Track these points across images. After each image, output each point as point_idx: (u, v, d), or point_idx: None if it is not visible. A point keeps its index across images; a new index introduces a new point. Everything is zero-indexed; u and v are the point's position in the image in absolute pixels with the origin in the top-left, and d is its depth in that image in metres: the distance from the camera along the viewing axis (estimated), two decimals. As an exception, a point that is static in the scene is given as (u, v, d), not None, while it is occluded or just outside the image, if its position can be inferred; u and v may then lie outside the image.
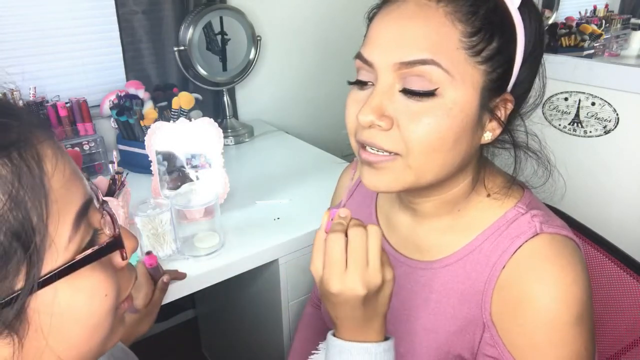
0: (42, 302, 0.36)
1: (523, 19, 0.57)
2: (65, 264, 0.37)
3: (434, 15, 0.54)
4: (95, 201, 0.42)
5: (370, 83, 0.58)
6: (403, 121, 0.55)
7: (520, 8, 0.57)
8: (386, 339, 0.58)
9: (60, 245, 0.37)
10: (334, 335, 0.59)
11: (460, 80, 0.54)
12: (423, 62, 0.53)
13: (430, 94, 0.54)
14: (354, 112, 0.58)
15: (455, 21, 0.54)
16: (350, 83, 0.61)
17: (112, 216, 0.43)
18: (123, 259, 0.44)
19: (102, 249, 0.40)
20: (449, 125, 0.54)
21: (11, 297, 0.34)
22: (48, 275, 0.36)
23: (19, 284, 0.35)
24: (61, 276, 0.37)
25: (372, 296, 0.54)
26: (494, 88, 0.56)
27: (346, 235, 0.54)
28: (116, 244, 0.42)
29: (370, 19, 0.60)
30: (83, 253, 0.39)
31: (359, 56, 0.59)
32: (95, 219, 0.41)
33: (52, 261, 0.36)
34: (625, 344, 0.84)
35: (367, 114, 0.55)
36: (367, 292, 0.53)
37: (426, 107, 0.54)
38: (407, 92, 0.55)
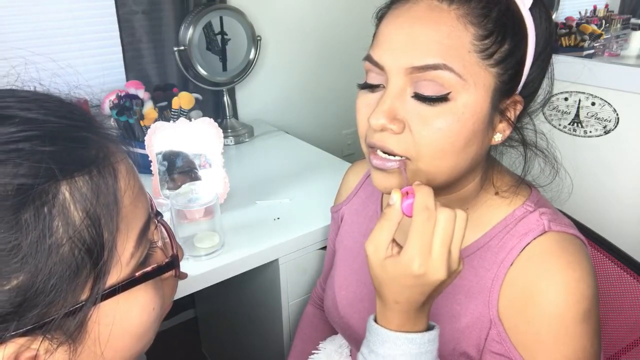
0: (103, 313, 0.37)
1: (534, 19, 0.56)
2: (127, 279, 0.38)
3: (446, 19, 0.53)
4: (150, 212, 0.43)
5: (382, 85, 0.57)
6: (415, 125, 0.55)
7: (531, 8, 0.56)
8: (430, 327, 0.55)
9: (124, 260, 0.38)
10: (375, 320, 0.55)
11: (472, 84, 0.53)
12: (435, 67, 0.53)
13: (442, 98, 0.53)
14: (365, 115, 0.58)
15: (467, 24, 0.53)
16: (361, 87, 0.60)
17: (169, 233, 0.44)
18: (176, 276, 0.45)
19: (161, 268, 0.41)
20: (460, 128, 0.54)
21: (75, 307, 0.35)
22: (111, 289, 0.37)
23: (84, 295, 0.35)
24: (123, 290, 0.38)
25: (442, 283, 0.51)
26: (504, 90, 0.56)
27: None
28: (174, 263, 0.43)
29: (380, 18, 0.60)
30: (143, 270, 0.39)
31: (368, 58, 0.58)
32: (151, 231, 0.42)
33: (115, 275, 0.37)
34: (626, 344, 0.84)
35: (379, 117, 0.55)
36: (446, 279, 0.50)
37: (438, 111, 0.54)
38: (419, 97, 0.54)
